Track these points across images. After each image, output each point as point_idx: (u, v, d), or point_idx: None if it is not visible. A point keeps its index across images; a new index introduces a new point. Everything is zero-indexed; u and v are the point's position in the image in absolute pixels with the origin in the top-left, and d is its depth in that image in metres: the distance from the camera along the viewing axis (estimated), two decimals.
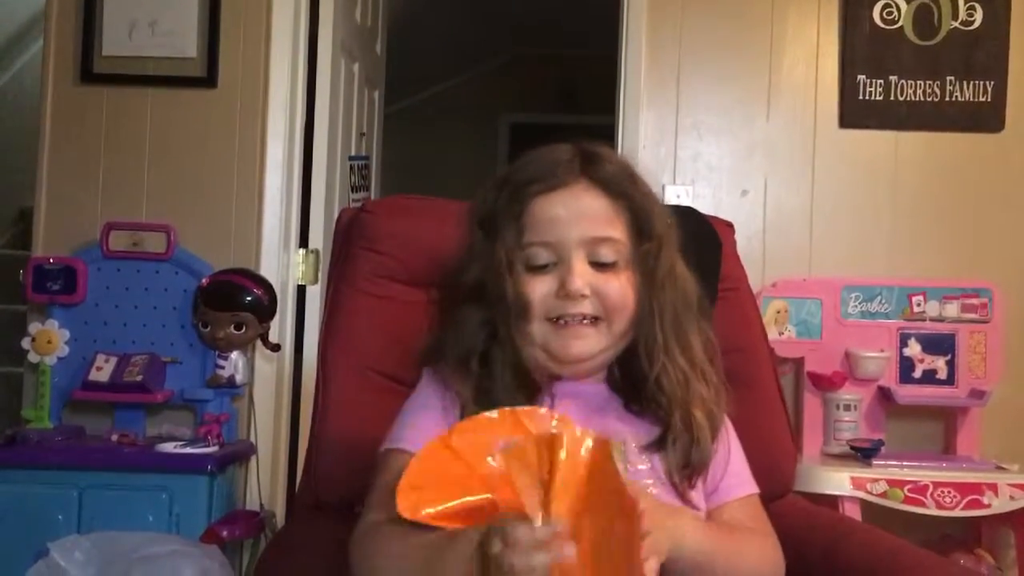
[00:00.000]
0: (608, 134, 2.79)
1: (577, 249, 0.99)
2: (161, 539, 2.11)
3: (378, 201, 1.82)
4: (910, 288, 2.56)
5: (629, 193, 1.02)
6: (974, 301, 2.55)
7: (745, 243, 2.62)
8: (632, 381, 1.03)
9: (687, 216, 1.37)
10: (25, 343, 2.50)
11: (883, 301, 2.56)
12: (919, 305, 2.56)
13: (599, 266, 1.00)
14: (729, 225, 1.61)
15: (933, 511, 2.21)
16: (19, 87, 4.01)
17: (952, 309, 2.56)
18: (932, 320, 2.56)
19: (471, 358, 1.01)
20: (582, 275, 0.98)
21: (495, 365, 1.00)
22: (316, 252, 2.81)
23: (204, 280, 2.50)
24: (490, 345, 1.01)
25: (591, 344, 1.00)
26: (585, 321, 0.99)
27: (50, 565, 2.01)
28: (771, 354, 1.64)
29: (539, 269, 1.00)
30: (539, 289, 0.99)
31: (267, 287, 2.52)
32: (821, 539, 1.23)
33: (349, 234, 1.43)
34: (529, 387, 1.00)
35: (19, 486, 2.18)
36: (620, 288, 1.00)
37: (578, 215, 0.99)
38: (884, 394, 2.52)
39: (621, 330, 1.01)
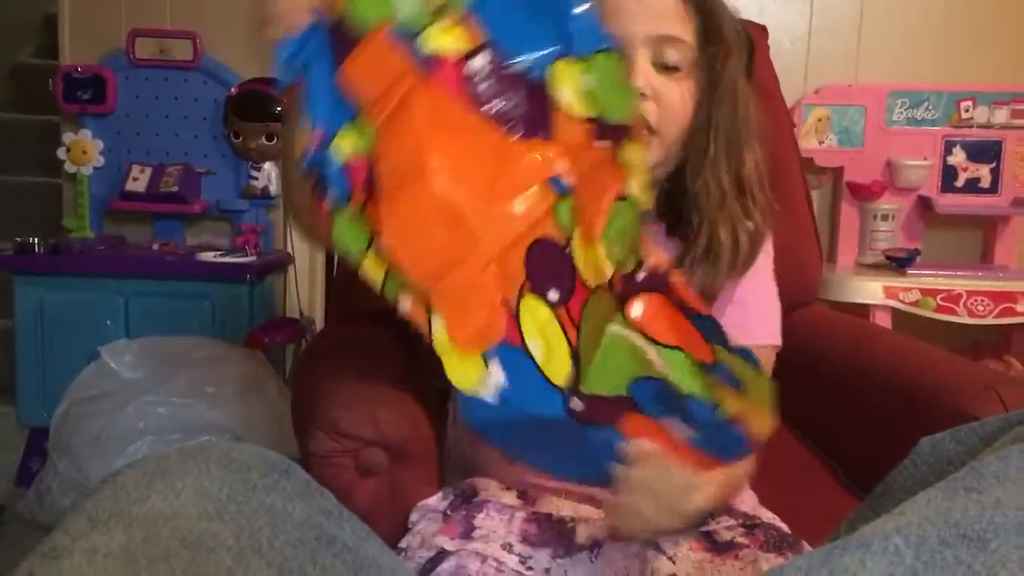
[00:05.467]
0: None
1: (643, 47, 0.93)
2: (206, 344, 2.19)
3: None
4: (959, 93, 2.46)
5: None
6: None
7: (789, 47, 2.53)
8: (675, 201, 0.99)
9: None
10: (61, 153, 2.51)
11: (930, 107, 2.47)
12: (967, 111, 2.47)
13: (662, 68, 0.94)
14: (763, 29, 1.54)
15: (965, 319, 2.22)
16: None
17: (1001, 115, 2.46)
18: (979, 127, 2.47)
19: None
20: (645, 74, 0.93)
21: None
22: None
23: (233, 90, 2.47)
24: None
25: (648, 154, 0.94)
26: (644, 129, 0.93)
27: (101, 367, 2.11)
28: (800, 162, 1.60)
29: None
30: None
31: None
32: (844, 344, 1.24)
33: None
34: None
35: (66, 292, 2.24)
36: (681, 96, 0.95)
37: (648, 10, 0.93)
38: (924, 203, 2.48)
39: (673, 141, 0.96)
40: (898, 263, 2.32)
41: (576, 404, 0.72)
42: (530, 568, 0.88)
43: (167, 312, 2.26)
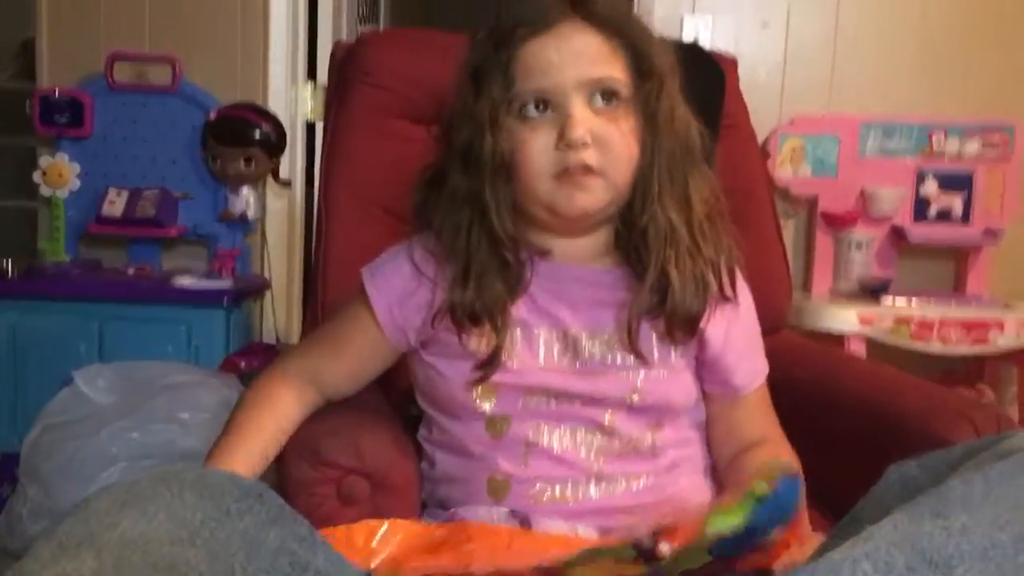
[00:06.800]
0: None
1: (575, 93, 0.91)
2: (181, 369, 2.17)
3: (375, 33, 1.77)
4: (930, 124, 2.51)
5: (626, 29, 0.95)
6: (995, 137, 2.50)
7: (764, 78, 2.57)
8: (628, 239, 0.98)
9: (689, 52, 1.33)
10: (36, 177, 2.50)
11: (902, 138, 2.51)
12: (938, 142, 2.51)
13: (598, 110, 0.93)
14: (733, 61, 1.56)
15: (939, 347, 2.24)
16: None
17: (972, 146, 2.51)
18: (951, 158, 2.51)
19: (460, 234, 0.96)
20: (583, 121, 0.91)
21: (472, 236, 0.96)
22: (325, 88, 2.76)
23: (212, 114, 2.47)
24: (471, 218, 0.96)
25: (596, 198, 0.93)
26: (588, 173, 0.92)
27: (75, 392, 2.08)
28: (770, 190, 1.62)
29: (533, 120, 0.92)
30: (536, 142, 0.92)
31: (275, 122, 2.49)
32: (814, 371, 1.25)
33: (345, 68, 1.40)
34: (506, 265, 0.96)
35: (40, 317, 2.23)
36: (622, 135, 0.93)
37: (573, 56, 0.92)
38: (897, 233, 2.51)
39: (622, 182, 0.94)
40: (872, 291, 2.35)
41: None
42: None
43: (142, 337, 2.24)
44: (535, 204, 0.96)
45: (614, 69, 0.94)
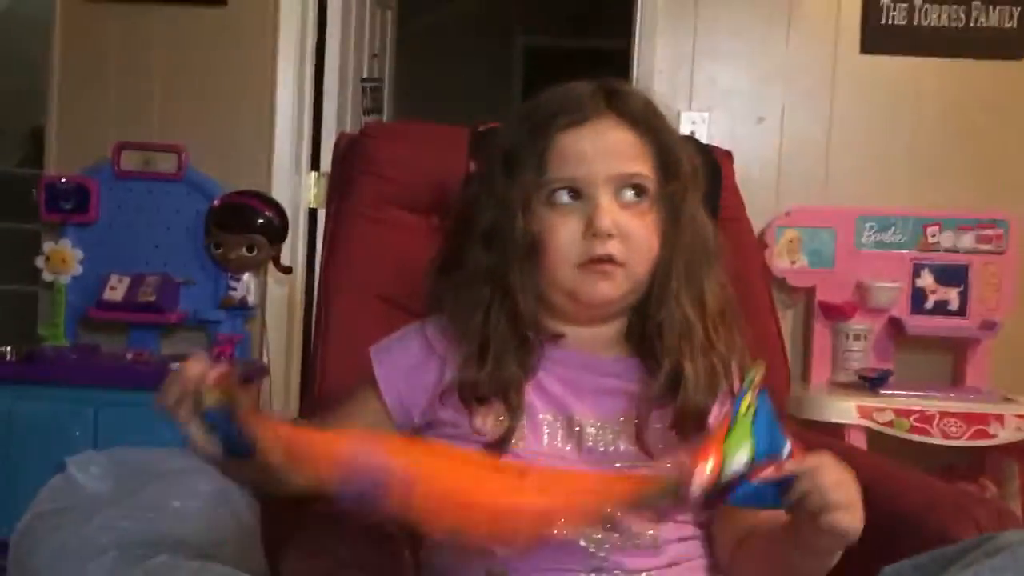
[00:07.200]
0: (624, 58, 2.74)
1: (604, 186, 0.95)
2: (177, 455, 2.14)
3: (378, 124, 1.80)
4: (925, 218, 2.54)
5: (656, 128, 0.99)
6: (989, 232, 2.52)
7: (760, 171, 2.61)
8: (643, 332, 1.00)
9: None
10: (39, 262, 2.52)
11: (897, 231, 2.54)
12: (933, 236, 2.53)
13: (625, 204, 0.96)
14: (728, 154, 1.59)
15: (939, 440, 2.22)
16: (29, 5, 3.95)
17: (967, 240, 2.53)
18: (946, 251, 2.54)
19: (477, 310, 0.98)
20: (610, 212, 0.95)
21: (492, 314, 0.98)
22: (328, 175, 2.80)
23: (216, 201, 2.50)
24: (492, 296, 0.98)
25: (617, 287, 0.96)
26: (611, 263, 0.95)
27: (67, 479, 2.05)
28: (767, 283, 1.64)
29: (561, 207, 0.96)
30: (564, 230, 0.96)
31: (279, 209, 2.52)
32: None
33: (348, 158, 1.43)
34: (524, 345, 0.98)
35: (36, 402, 2.21)
36: (645, 230, 0.97)
37: (605, 151, 0.96)
38: (894, 325, 2.52)
39: (642, 273, 0.98)
40: (871, 383, 2.34)
41: None
42: None
43: (139, 423, 2.20)
44: (556, 290, 0.98)
45: (643, 166, 0.98)
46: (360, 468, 0.81)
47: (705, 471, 0.77)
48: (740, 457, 0.78)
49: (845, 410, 2.23)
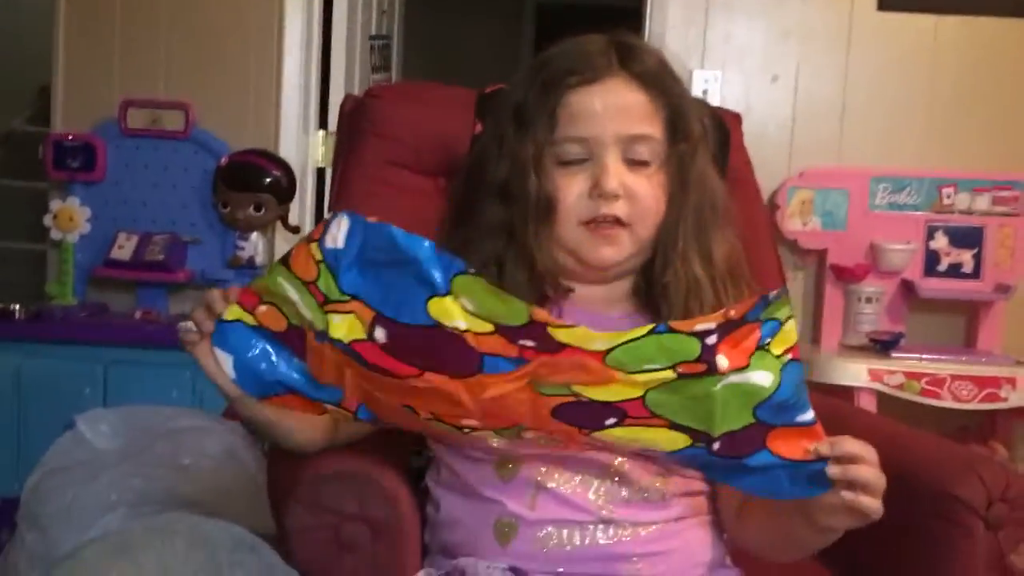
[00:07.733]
0: (636, 15, 2.70)
1: (613, 146, 0.96)
2: (185, 414, 2.15)
3: (385, 86, 1.79)
4: (940, 179, 2.50)
5: (668, 89, 0.99)
6: (1006, 193, 2.49)
7: (773, 131, 2.58)
8: (649, 292, 1.01)
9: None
10: (47, 220, 2.52)
11: (912, 192, 2.51)
12: (948, 197, 2.50)
13: (632, 164, 0.96)
14: (737, 117, 1.58)
15: (949, 404, 2.22)
16: None
17: (982, 201, 2.50)
18: (961, 213, 2.51)
19: (489, 263, 0.98)
20: (616, 174, 0.95)
21: (508, 268, 0.98)
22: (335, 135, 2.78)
23: (223, 160, 2.49)
24: (507, 249, 0.99)
25: (621, 249, 0.97)
26: (616, 225, 0.96)
27: (76, 437, 2.06)
28: (774, 246, 1.63)
29: (569, 165, 0.97)
30: (572, 189, 0.96)
31: (286, 169, 2.51)
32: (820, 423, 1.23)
33: (354, 120, 1.42)
34: (540, 296, 0.98)
35: (45, 360, 2.22)
36: (652, 191, 0.97)
37: (616, 111, 0.96)
38: (907, 287, 2.50)
39: (647, 235, 0.98)
40: (882, 346, 2.33)
41: (716, 447, 0.81)
42: None
43: (147, 381, 2.23)
44: (562, 249, 0.99)
45: (653, 127, 0.98)
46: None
47: (724, 362, 0.77)
48: (762, 376, 0.78)
49: (856, 373, 2.22)
